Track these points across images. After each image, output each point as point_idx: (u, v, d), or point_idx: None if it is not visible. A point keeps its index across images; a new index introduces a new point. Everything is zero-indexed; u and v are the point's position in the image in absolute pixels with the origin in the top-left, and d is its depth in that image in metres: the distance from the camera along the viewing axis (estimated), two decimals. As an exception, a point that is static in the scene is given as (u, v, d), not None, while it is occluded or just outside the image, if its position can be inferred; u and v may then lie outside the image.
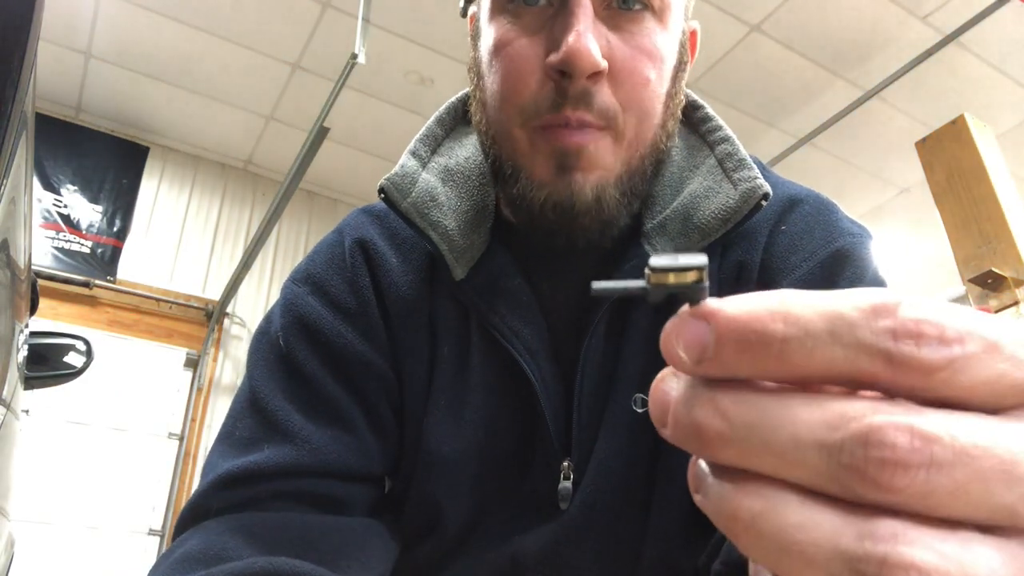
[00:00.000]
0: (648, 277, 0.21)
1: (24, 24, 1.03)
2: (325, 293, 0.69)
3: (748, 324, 0.20)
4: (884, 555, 0.18)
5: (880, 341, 0.19)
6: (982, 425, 0.19)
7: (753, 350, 0.19)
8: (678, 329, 0.21)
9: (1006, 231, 2.74)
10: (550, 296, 0.67)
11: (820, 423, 0.19)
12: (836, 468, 0.18)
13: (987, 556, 0.18)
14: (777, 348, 0.19)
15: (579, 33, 0.56)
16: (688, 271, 0.21)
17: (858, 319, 0.19)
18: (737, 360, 0.20)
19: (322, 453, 0.62)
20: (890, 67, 3.60)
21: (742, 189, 0.62)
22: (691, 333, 0.20)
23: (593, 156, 0.59)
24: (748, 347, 0.20)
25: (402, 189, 0.67)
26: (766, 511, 0.19)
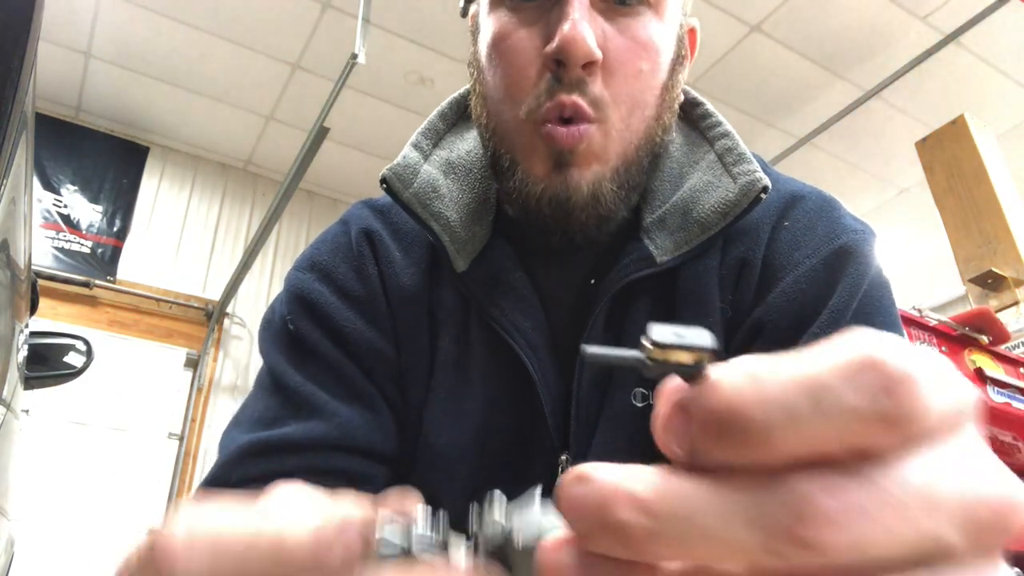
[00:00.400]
0: (647, 351, 0.20)
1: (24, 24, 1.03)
2: (332, 280, 0.69)
3: (724, 412, 0.18)
4: None
5: (876, 403, 0.17)
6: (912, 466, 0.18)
7: (738, 440, 0.18)
8: (667, 423, 0.20)
9: (1006, 231, 2.74)
10: (550, 290, 0.67)
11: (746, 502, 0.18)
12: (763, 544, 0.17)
13: None
14: (760, 437, 0.18)
15: (574, 22, 0.57)
16: (691, 351, 0.19)
17: (839, 383, 0.17)
18: (723, 452, 0.18)
19: (349, 428, 0.62)
20: (890, 67, 3.60)
21: (741, 183, 0.63)
22: (678, 427, 0.19)
23: (587, 152, 0.59)
24: (731, 438, 0.18)
25: (404, 179, 0.67)
26: None
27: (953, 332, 1.99)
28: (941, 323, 1.99)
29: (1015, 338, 2.35)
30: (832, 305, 0.60)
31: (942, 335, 1.97)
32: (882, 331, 0.22)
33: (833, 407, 0.17)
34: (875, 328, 0.22)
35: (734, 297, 0.64)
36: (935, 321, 1.98)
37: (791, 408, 0.17)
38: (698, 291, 0.64)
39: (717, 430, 0.18)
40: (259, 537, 0.20)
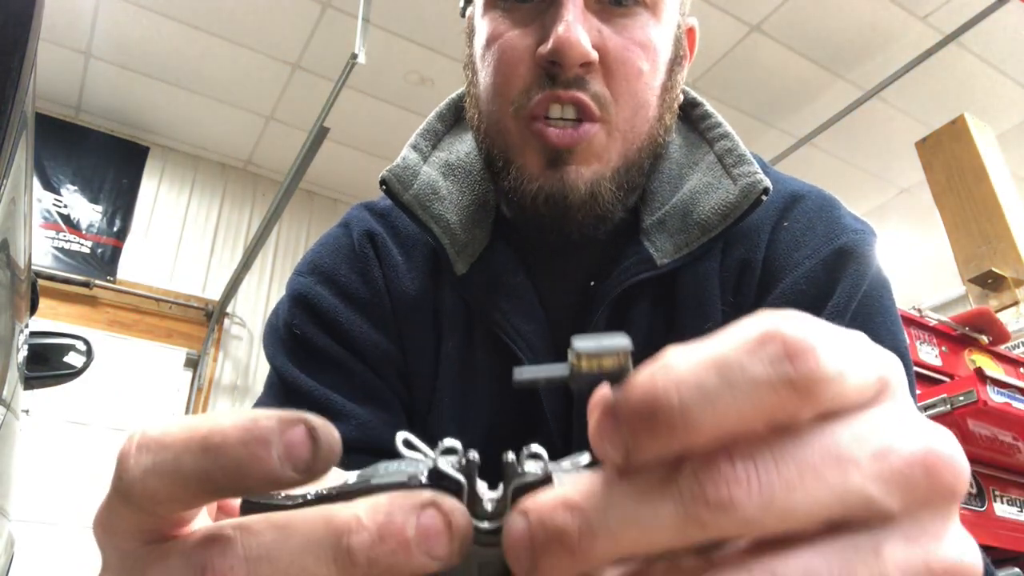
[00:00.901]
0: (572, 363, 0.20)
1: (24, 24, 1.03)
2: (334, 283, 0.69)
3: (643, 404, 0.18)
4: None
5: (779, 370, 0.18)
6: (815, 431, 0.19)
7: (662, 429, 0.18)
8: (599, 429, 0.20)
9: (1006, 231, 2.74)
10: (551, 292, 0.67)
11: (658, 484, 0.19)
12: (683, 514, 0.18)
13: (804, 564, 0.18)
14: (682, 420, 0.18)
15: (568, 24, 0.57)
16: (613, 355, 0.20)
17: (745, 357, 0.18)
18: (653, 444, 0.19)
19: (368, 429, 0.62)
20: (890, 67, 3.60)
21: (742, 184, 0.62)
22: (608, 429, 0.19)
23: (587, 151, 0.59)
24: (655, 428, 0.18)
25: (404, 181, 0.67)
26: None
27: (953, 332, 1.99)
28: (941, 323, 1.99)
29: (1015, 338, 2.35)
30: (832, 305, 0.60)
31: (942, 335, 1.97)
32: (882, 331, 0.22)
33: (741, 380, 0.18)
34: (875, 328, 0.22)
35: (735, 299, 0.64)
36: (935, 321, 1.98)
37: (703, 387, 0.18)
38: (698, 293, 0.63)
39: (642, 422, 0.18)
40: (194, 431, 0.20)
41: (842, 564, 0.18)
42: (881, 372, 0.20)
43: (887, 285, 0.64)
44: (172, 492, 0.20)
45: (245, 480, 0.20)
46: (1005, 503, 1.78)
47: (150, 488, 0.20)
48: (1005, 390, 1.65)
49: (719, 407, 0.18)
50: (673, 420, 0.18)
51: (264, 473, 0.20)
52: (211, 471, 0.20)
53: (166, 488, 0.20)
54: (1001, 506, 1.76)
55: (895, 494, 0.19)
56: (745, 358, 0.18)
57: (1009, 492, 1.80)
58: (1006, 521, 1.75)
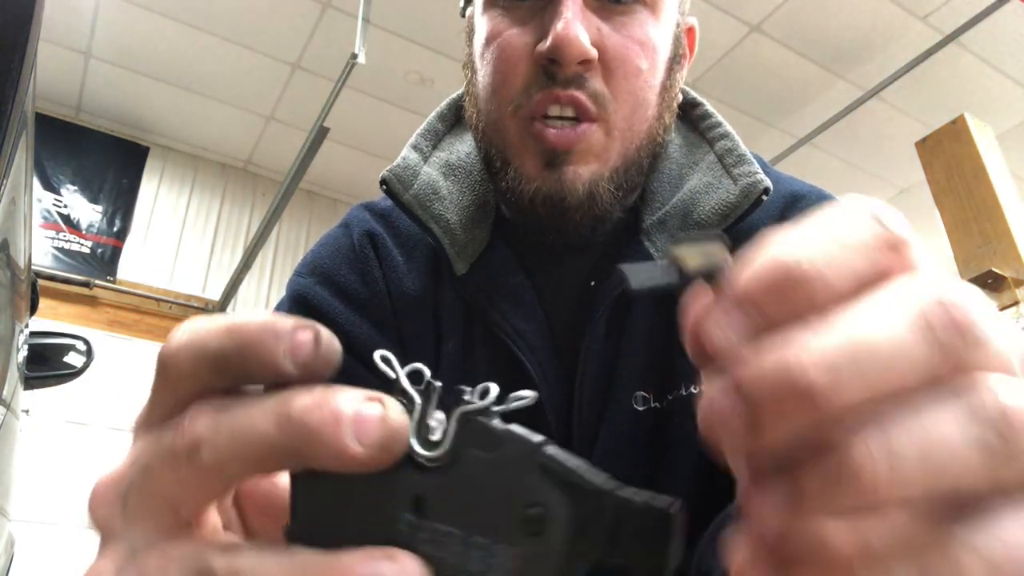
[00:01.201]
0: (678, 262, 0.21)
1: (24, 24, 1.03)
2: (334, 283, 0.69)
3: (766, 272, 0.19)
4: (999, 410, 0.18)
5: (876, 231, 0.20)
6: None
7: (792, 292, 0.19)
8: (715, 320, 0.20)
9: (1006, 231, 2.74)
10: (551, 292, 0.67)
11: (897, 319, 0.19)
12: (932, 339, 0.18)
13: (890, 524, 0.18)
14: (820, 280, 0.19)
15: (567, 21, 0.56)
16: (714, 248, 0.21)
17: (848, 226, 0.20)
18: (787, 307, 0.19)
19: None
20: (890, 67, 3.60)
21: (742, 184, 0.62)
22: (725, 319, 0.20)
23: (586, 151, 0.59)
24: (786, 292, 0.19)
25: (404, 181, 0.67)
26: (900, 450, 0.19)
27: (953, 332, 1.99)
28: (941, 323, 1.99)
29: (1015, 338, 2.35)
30: None
31: (942, 335, 1.96)
32: None
33: (851, 242, 0.20)
34: None
35: None
36: (935, 321, 1.97)
37: (826, 252, 0.19)
38: None
39: (776, 292, 0.19)
40: (226, 320, 0.23)
41: None
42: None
43: None
44: (195, 368, 0.23)
45: (251, 363, 0.22)
46: (1005, 503, 1.78)
47: (180, 362, 0.23)
48: (1005, 390, 1.65)
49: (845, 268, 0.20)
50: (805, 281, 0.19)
51: (269, 360, 0.22)
52: (227, 351, 0.22)
53: (191, 364, 0.23)
54: (1001, 506, 1.76)
55: None
56: (846, 226, 0.20)
57: (1009, 492, 1.80)
58: (1006, 521, 1.75)
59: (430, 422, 0.23)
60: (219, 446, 0.22)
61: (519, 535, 0.21)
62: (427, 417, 0.23)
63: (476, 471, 0.22)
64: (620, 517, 0.20)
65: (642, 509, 0.20)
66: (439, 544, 0.22)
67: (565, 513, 0.20)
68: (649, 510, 0.20)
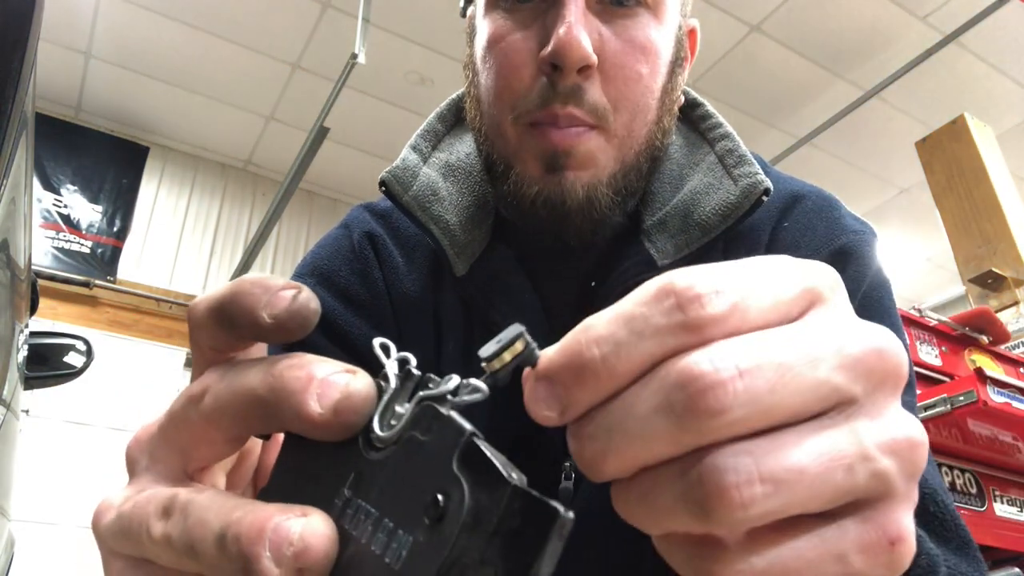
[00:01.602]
0: (488, 370, 0.23)
1: (24, 24, 1.03)
2: (333, 284, 0.69)
3: (570, 362, 0.22)
4: (699, 475, 0.21)
5: (672, 318, 0.22)
6: (774, 332, 0.22)
7: (589, 379, 0.22)
8: (533, 395, 0.23)
9: (1006, 231, 2.74)
10: (551, 293, 0.67)
11: (649, 395, 0.22)
12: (675, 419, 0.21)
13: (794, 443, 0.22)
14: (604, 368, 0.22)
15: (570, 25, 0.56)
16: (515, 342, 0.23)
17: (647, 310, 0.22)
18: (584, 393, 0.22)
19: None
20: (890, 67, 3.60)
21: (743, 185, 0.62)
22: (543, 393, 0.23)
23: (584, 156, 0.59)
24: (584, 379, 0.22)
25: (403, 182, 0.67)
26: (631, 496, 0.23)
27: (953, 332, 1.99)
28: (941, 323, 1.99)
29: (1015, 338, 2.35)
30: None
31: (942, 335, 1.97)
32: None
33: (646, 329, 0.22)
34: None
35: None
36: (935, 321, 1.98)
37: (617, 339, 0.22)
38: None
39: (572, 377, 0.22)
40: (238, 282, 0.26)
41: (830, 443, 0.22)
42: (805, 285, 0.24)
43: (887, 286, 0.64)
44: (207, 321, 0.26)
45: (237, 312, 0.26)
46: (1005, 503, 1.78)
47: (196, 313, 0.27)
48: (1005, 390, 1.65)
49: (634, 355, 0.22)
50: (597, 370, 0.22)
51: (249, 310, 0.25)
52: (225, 304, 0.26)
53: (206, 318, 0.26)
54: (1001, 506, 1.76)
55: (857, 380, 0.23)
56: (647, 311, 0.22)
57: (1009, 492, 1.80)
58: (1006, 521, 1.75)
59: (398, 407, 0.24)
60: (218, 394, 0.25)
61: (419, 523, 0.21)
62: (396, 402, 0.24)
63: (409, 454, 0.23)
64: (513, 512, 0.20)
65: (536, 504, 0.20)
66: (357, 522, 0.23)
67: (465, 504, 0.20)
68: (542, 506, 0.20)
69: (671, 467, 0.22)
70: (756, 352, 0.22)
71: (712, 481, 0.21)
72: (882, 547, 0.23)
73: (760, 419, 0.21)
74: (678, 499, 0.22)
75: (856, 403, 0.23)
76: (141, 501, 0.25)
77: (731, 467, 0.21)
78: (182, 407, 0.26)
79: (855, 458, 0.22)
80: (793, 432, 0.22)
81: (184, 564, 0.24)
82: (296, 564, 0.22)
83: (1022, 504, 1.81)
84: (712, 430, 0.21)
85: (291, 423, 0.24)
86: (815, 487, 0.21)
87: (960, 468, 1.74)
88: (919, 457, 0.24)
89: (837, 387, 0.22)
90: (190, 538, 0.23)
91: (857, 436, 0.22)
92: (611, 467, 0.22)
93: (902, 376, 0.24)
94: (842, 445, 0.22)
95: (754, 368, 0.21)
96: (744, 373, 0.21)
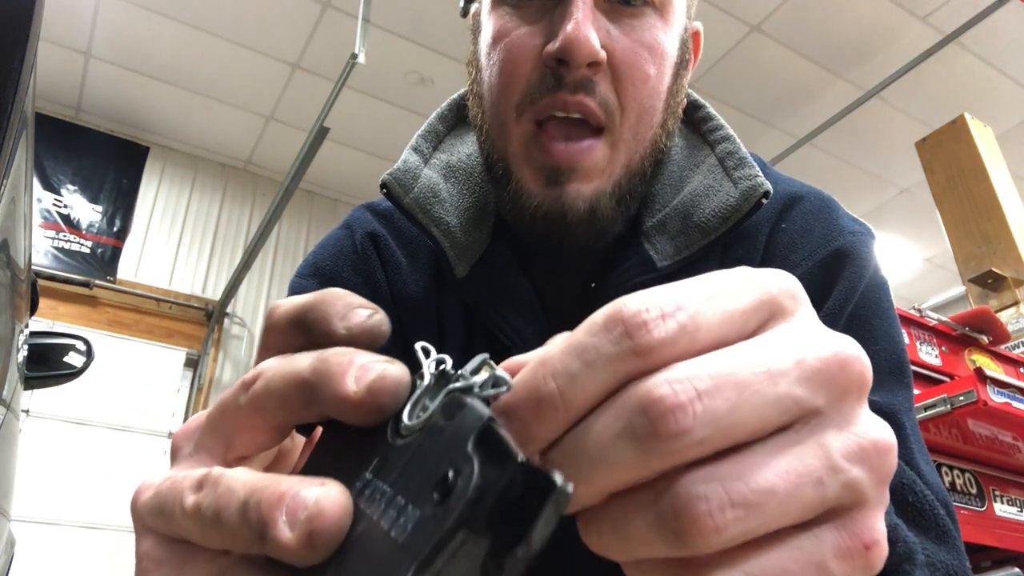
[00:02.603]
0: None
1: (24, 24, 1.03)
2: (336, 285, 0.68)
3: (528, 396, 0.23)
4: (671, 505, 0.21)
5: (621, 345, 0.22)
6: (731, 350, 0.23)
7: (547, 413, 0.23)
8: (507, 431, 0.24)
9: (1006, 231, 2.74)
10: (551, 294, 0.67)
11: (612, 421, 0.22)
12: (638, 444, 0.21)
13: (761, 463, 0.22)
14: (562, 402, 0.23)
15: (577, 22, 0.56)
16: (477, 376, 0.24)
17: (598, 340, 0.23)
18: (543, 427, 0.23)
19: None
20: (890, 67, 3.60)
21: (742, 187, 0.62)
22: (512, 431, 0.23)
23: (589, 169, 0.58)
24: (542, 413, 0.23)
25: (404, 184, 0.67)
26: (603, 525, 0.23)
27: (953, 332, 1.99)
28: (941, 323, 1.99)
29: (1015, 338, 2.35)
30: (827, 308, 0.59)
31: (942, 335, 1.97)
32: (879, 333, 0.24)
33: (598, 359, 0.22)
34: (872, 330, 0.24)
35: None
36: (935, 321, 1.98)
37: (570, 371, 0.23)
38: None
39: (530, 411, 0.23)
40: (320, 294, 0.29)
41: (797, 459, 0.22)
42: (761, 298, 0.24)
43: (885, 287, 0.64)
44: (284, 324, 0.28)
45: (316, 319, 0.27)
46: (1005, 503, 1.78)
47: (278, 320, 0.28)
48: (1005, 390, 1.65)
49: (588, 385, 0.22)
50: (555, 403, 0.23)
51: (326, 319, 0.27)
52: (307, 310, 0.28)
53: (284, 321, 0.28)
54: (1001, 506, 1.76)
55: (819, 391, 0.23)
56: (597, 340, 0.23)
57: (1009, 492, 1.80)
58: (1006, 521, 1.75)
59: (428, 402, 0.24)
60: (269, 378, 0.26)
61: (428, 499, 0.21)
62: (427, 397, 0.25)
63: (431, 439, 0.23)
64: (515, 484, 0.21)
65: (536, 476, 0.21)
66: (372, 502, 0.23)
67: (473, 479, 0.21)
68: (542, 478, 0.20)
69: (641, 495, 0.22)
70: (713, 372, 0.22)
71: (684, 509, 0.21)
72: (858, 552, 0.23)
73: (723, 438, 0.22)
74: (651, 527, 0.22)
75: (820, 414, 0.23)
76: (178, 479, 0.26)
77: (702, 495, 0.21)
78: (233, 393, 0.27)
79: (824, 471, 0.22)
80: (760, 451, 0.22)
81: (209, 536, 0.25)
82: (308, 527, 0.22)
83: (1022, 504, 1.81)
84: (676, 452, 0.21)
85: (330, 404, 0.25)
86: (786, 504, 0.22)
87: (960, 468, 1.74)
88: (888, 462, 0.24)
89: (799, 400, 0.22)
90: (217, 506, 0.24)
91: (824, 449, 0.22)
92: (580, 494, 0.22)
93: (866, 382, 0.24)
94: (809, 460, 0.22)
95: (712, 388, 0.21)
96: (702, 394, 0.21)
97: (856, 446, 0.23)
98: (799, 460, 0.22)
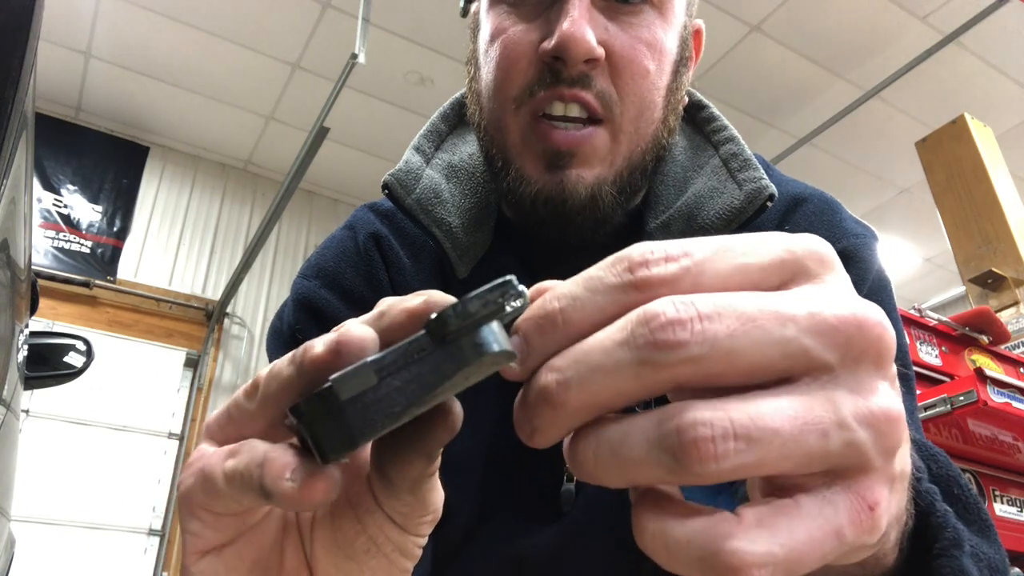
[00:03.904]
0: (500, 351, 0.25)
1: (24, 24, 1.03)
2: (338, 286, 0.68)
3: (533, 314, 0.25)
4: (676, 426, 0.22)
5: (623, 277, 0.24)
6: (741, 292, 0.23)
7: (548, 328, 0.25)
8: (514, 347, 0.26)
9: (1006, 231, 2.74)
10: None
11: (614, 332, 0.24)
12: (636, 352, 0.23)
13: (768, 404, 0.22)
14: (562, 318, 0.25)
15: (574, 19, 0.56)
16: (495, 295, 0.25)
17: (603, 272, 0.25)
18: (543, 340, 0.25)
19: None
20: (890, 67, 3.60)
21: (747, 189, 0.62)
22: (515, 342, 0.25)
23: (590, 154, 0.58)
24: (544, 328, 0.25)
25: (406, 185, 0.66)
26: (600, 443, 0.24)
27: (953, 332, 1.99)
28: (941, 323, 1.99)
29: (1015, 338, 2.35)
30: None
31: (942, 335, 1.97)
32: None
33: (600, 286, 0.25)
34: None
35: None
36: (935, 321, 1.98)
37: (574, 295, 0.25)
38: None
39: (533, 326, 0.25)
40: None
41: (803, 406, 0.22)
42: (783, 257, 0.25)
43: (888, 288, 0.64)
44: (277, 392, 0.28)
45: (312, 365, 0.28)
46: (1005, 503, 1.78)
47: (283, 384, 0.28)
48: (1005, 390, 1.65)
49: (588, 309, 0.25)
50: (556, 320, 0.25)
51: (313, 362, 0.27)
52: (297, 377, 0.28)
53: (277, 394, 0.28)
54: (1001, 506, 1.76)
55: (832, 349, 0.23)
56: (603, 273, 0.25)
57: (1009, 492, 1.80)
58: (1006, 521, 1.75)
59: None
60: (271, 374, 0.28)
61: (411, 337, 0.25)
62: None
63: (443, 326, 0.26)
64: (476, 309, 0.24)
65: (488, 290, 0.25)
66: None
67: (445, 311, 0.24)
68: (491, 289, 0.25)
69: (645, 418, 0.23)
70: (720, 303, 0.23)
71: (687, 431, 0.22)
72: (865, 513, 0.23)
73: (721, 363, 0.22)
74: (651, 448, 0.22)
75: (832, 372, 0.23)
76: (212, 455, 0.29)
77: (707, 420, 0.22)
78: (247, 391, 0.30)
79: (830, 425, 0.22)
80: (768, 394, 0.23)
81: (243, 499, 0.27)
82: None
83: (1022, 504, 1.81)
84: (672, 365, 0.22)
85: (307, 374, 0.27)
86: (789, 447, 0.22)
87: (960, 468, 1.74)
88: (896, 432, 0.24)
89: (807, 349, 0.23)
90: (247, 466, 0.26)
91: (833, 404, 0.23)
92: (572, 398, 0.24)
93: (885, 350, 0.24)
94: (817, 411, 0.22)
95: (714, 314, 0.22)
96: (704, 316, 0.22)
97: (867, 410, 0.23)
98: (807, 409, 0.22)
